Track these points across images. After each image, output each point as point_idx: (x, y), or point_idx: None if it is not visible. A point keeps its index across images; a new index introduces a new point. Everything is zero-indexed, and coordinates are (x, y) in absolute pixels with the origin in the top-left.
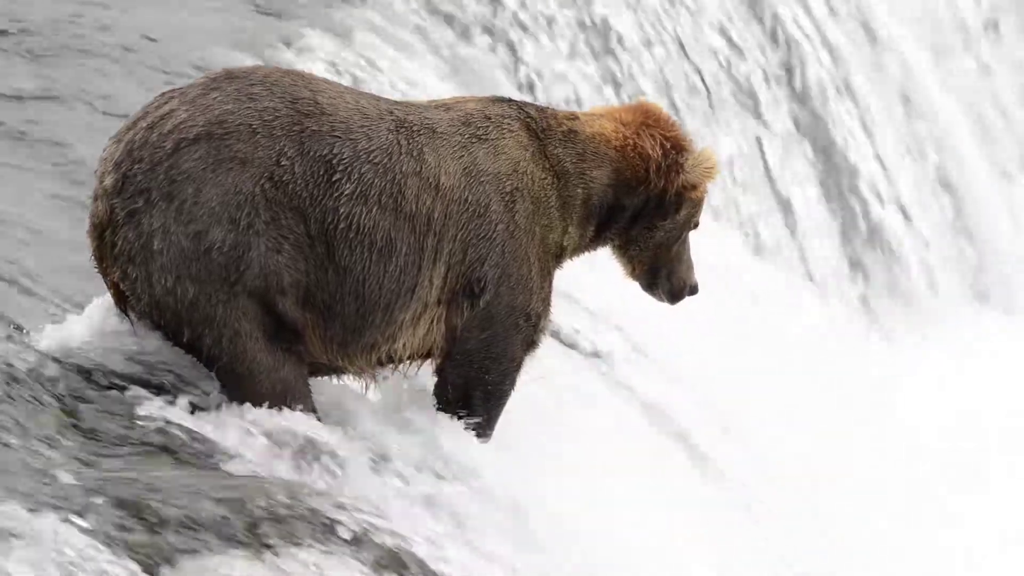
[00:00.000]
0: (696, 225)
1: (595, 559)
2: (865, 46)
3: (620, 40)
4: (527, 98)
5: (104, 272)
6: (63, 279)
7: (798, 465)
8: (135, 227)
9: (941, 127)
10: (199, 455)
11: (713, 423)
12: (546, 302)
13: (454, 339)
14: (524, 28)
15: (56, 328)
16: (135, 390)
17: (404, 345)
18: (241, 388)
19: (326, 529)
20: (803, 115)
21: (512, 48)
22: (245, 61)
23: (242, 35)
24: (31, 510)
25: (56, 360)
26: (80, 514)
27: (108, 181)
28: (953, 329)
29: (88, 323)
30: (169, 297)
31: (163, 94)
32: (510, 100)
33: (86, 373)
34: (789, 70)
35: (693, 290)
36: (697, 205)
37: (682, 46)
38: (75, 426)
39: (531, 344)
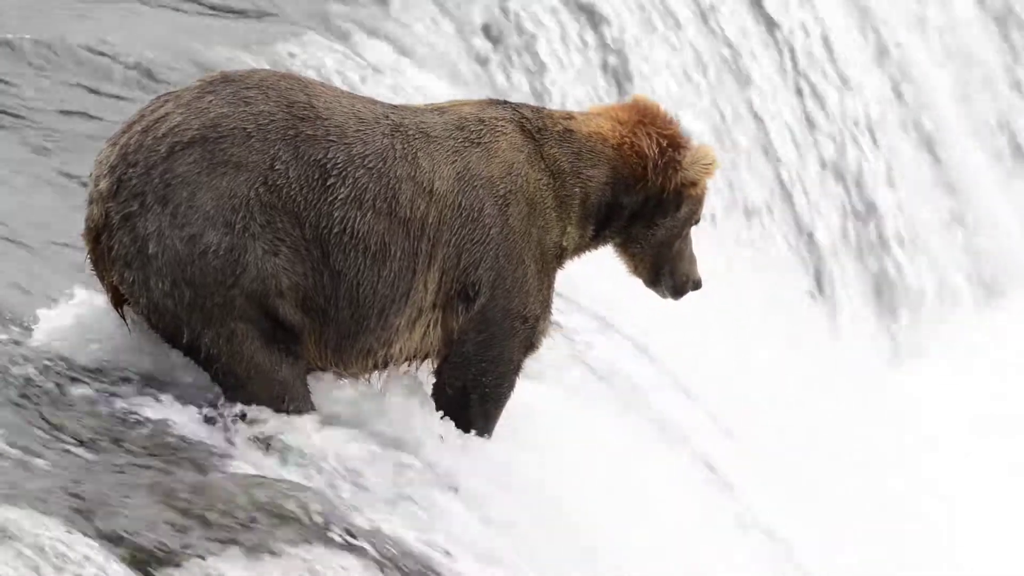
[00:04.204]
0: (697, 221)
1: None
2: (871, 44)
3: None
4: (530, 101)
5: (101, 275)
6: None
7: (807, 475)
8: (130, 231)
9: (944, 127)
10: (197, 454)
11: (720, 430)
12: (545, 304)
13: (451, 342)
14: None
15: (46, 326)
16: (130, 390)
17: (400, 350)
18: (239, 389)
19: (326, 529)
20: (814, 126)
21: (516, 51)
22: (244, 63)
23: (241, 37)
24: (27, 511)
25: (49, 360)
26: (78, 514)
27: (103, 185)
28: (961, 331)
29: (79, 322)
30: (167, 300)
31: (158, 97)
32: (505, 102)
33: (82, 371)
34: (799, 86)
35: (696, 285)
36: (698, 202)
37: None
38: (73, 426)
39: (530, 347)
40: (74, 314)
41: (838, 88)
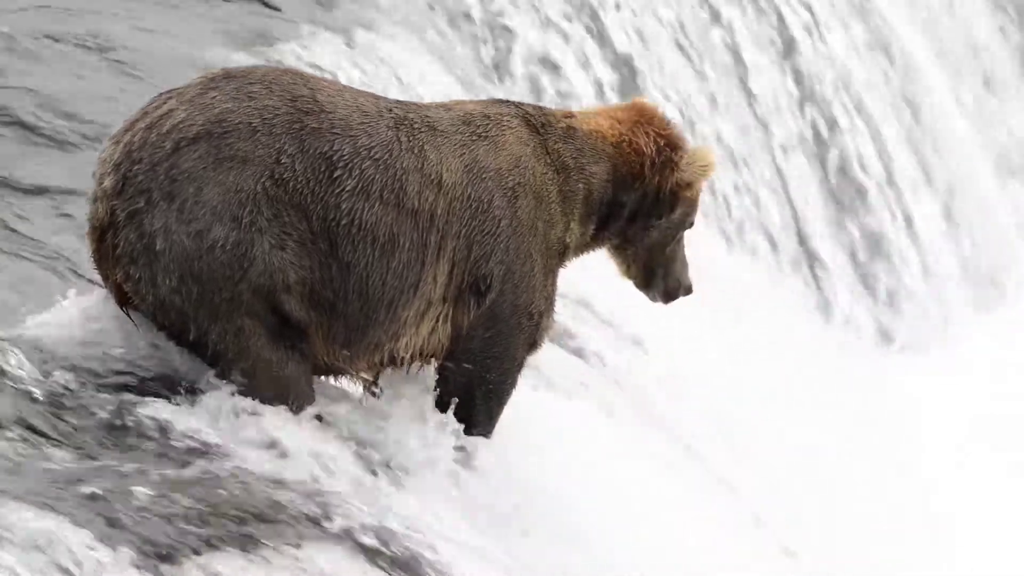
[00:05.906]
0: (691, 225)
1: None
2: (873, 51)
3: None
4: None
5: (105, 274)
6: None
7: (807, 475)
8: (136, 228)
9: (944, 126)
10: (196, 454)
11: (719, 433)
12: (549, 301)
13: (458, 338)
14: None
15: (45, 322)
16: (130, 387)
17: (407, 344)
18: (245, 385)
19: (327, 529)
20: (812, 126)
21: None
22: (245, 61)
23: (242, 35)
24: (28, 510)
25: (48, 356)
26: (77, 513)
27: (107, 183)
28: (961, 331)
29: (80, 318)
30: (174, 296)
31: (160, 95)
32: (508, 101)
33: (81, 371)
34: (799, 80)
35: (688, 290)
36: (692, 205)
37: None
38: (72, 425)
39: (533, 344)
40: (75, 313)
41: (838, 89)
